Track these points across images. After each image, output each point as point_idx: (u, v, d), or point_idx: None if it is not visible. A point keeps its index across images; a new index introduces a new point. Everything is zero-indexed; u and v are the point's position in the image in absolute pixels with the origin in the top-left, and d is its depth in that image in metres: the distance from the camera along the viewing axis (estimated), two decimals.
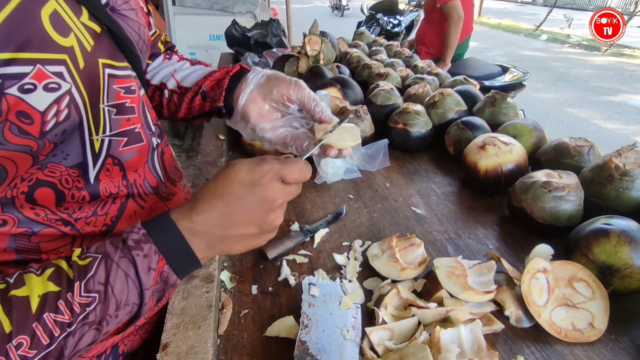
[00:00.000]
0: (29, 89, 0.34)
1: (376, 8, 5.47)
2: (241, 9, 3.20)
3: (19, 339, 0.32)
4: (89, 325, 0.36)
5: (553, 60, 7.35)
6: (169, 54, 0.70)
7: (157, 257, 0.39)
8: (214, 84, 0.60)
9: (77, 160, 0.42)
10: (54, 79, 0.36)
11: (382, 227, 0.81)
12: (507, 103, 1.10)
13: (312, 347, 0.51)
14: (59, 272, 0.36)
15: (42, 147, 0.38)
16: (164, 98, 0.66)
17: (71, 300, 0.35)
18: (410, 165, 1.06)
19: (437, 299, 0.59)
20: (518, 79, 2.96)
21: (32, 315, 0.33)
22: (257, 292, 0.64)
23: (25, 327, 0.33)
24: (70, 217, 0.45)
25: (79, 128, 0.41)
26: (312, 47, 1.50)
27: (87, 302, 0.36)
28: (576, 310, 0.58)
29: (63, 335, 0.35)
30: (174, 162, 0.63)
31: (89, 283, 0.36)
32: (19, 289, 0.34)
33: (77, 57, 0.38)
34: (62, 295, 0.35)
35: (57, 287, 0.35)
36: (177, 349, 0.50)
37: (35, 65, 0.34)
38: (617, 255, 0.59)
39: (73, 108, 0.38)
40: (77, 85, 0.38)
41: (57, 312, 0.34)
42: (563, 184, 0.73)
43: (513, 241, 0.77)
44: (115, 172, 0.48)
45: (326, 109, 0.54)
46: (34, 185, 0.40)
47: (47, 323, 0.34)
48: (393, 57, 1.79)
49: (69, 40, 0.38)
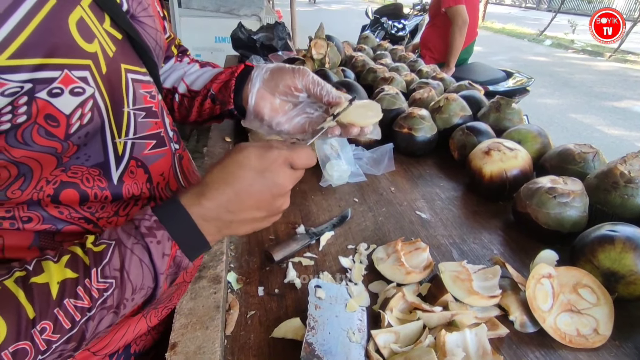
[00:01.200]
0: (57, 93, 0.35)
1: (381, 12, 5.49)
2: (247, 12, 3.22)
3: (42, 324, 0.33)
4: (107, 309, 0.37)
5: (557, 66, 7.35)
6: (180, 56, 0.71)
7: (170, 243, 0.40)
8: (221, 86, 0.61)
9: (98, 160, 0.43)
10: (79, 84, 0.37)
11: (387, 230, 0.81)
12: (512, 109, 1.11)
13: (319, 349, 0.51)
14: (75, 259, 0.37)
15: (66, 148, 0.39)
16: (175, 102, 0.67)
17: (89, 286, 0.36)
18: (415, 169, 1.06)
19: (442, 303, 0.59)
20: (522, 84, 2.96)
21: (53, 301, 0.34)
22: (263, 294, 0.65)
23: (48, 313, 0.34)
24: (92, 215, 0.46)
25: (101, 131, 0.42)
26: (317, 50, 1.51)
27: (105, 288, 0.37)
28: (581, 316, 0.59)
29: (84, 320, 0.36)
30: (192, 167, 0.64)
31: (105, 269, 0.37)
32: (38, 276, 0.35)
33: (100, 63, 0.39)
34: (80, 281, 0.36)
35: (74, 274, 0.36)
36: (186, 348, 0.51)
37: (63, 70, 0.35)
38: (622, 262, 0.60)
39: (96, 111, 0.40)
40: (100, 89, 0.40)
41: (76, 297, 0.35)
42: (568, 190, 0.73)
43: (518, 246, 0.77)
44: (140, 174, 0.49)
45: (332, 90, 0.54)
46: (58, 187, 0.41)
47: (68, 309, 0.35)
48: (398, 61, 1.80)
49: (93, 46, 0.39)
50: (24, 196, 0.40)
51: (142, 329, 0.56)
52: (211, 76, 0.64)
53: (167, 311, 0.60)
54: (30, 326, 0.33)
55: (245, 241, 0.77)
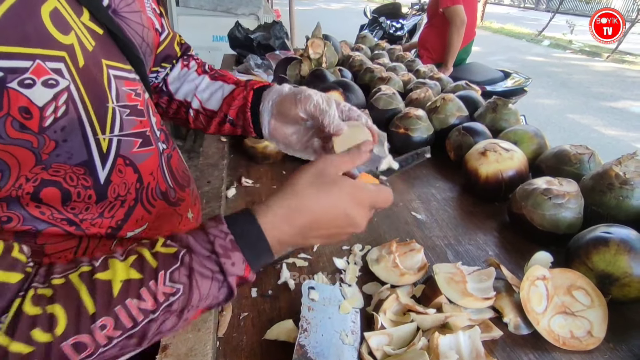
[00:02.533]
0: (29, 84, 0.35)
1: (379, 11, 5.48)
2: (244, 11, 3.20)
3: (102, 320, 0.34)
4: (171, 313, 0.37)
5: (555, 66, 7.36)
6: (186, 59, 0.70)
7: (244, 266, 0.39)
8: (237, 112, 0.62)
9: (82, 158, 0.42)
10: (52, 75, 0.36)
11: (382, 231, 0.81)
12: (509, 109, 1.11)
13: (311, 351, 0.51)
14: (141, 260, 0.37)
15: (43, 143, 0.38)
16: (190, 116, 0.67)
17: (154, 289, 0.36)
18: (411, 170, 1.06)
19: (436, 304, 0.59)
20: (520, 85, 2.96)
21: (114, 299, 0.34)
22: (256, 295, 0.64)
23: (109, 310, 0.34)
24: (76, 217, 0.45)
25: (80, 126, 0.41)
26: (314, 50, 1.50)
27: (172, 292, 0.36)
28: (575, 318, 0.58)
29: (146, 321, 0.36)
30: (183, 166, 0.64)
31: (174, 274, 0.37)
32: (102, 272, 0.35)
33: (76, 55, 0.39)
34: (144, 282, 0.36)
35: (139, 275, 0.36)
36: (177, 350, 0.50)
37: (34, 60, 0.35)
38: (617, 264, 0.59)
39: (71, 105, 0.39)
40: (76, 82, 0.39)
41: (139, 298, 0.35)
42: (563, 191, 0.73)
43: (513, 248, 0.77)
44: (129, 174, 0.48)
45: (334, 120, 0.53)
46: (39, 185, 0.41)
47: (129, 308, 0.35)
48: (395, 61, 1.80)
49: (69, 38, 0.38)
50: (2, 193, 0.39)
51: None
52: (224, 96, 0.64)
53: None
54: (91, 321, 0.33)
55: None
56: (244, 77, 1.69)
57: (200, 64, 0.71)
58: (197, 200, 0.67)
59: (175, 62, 0.69)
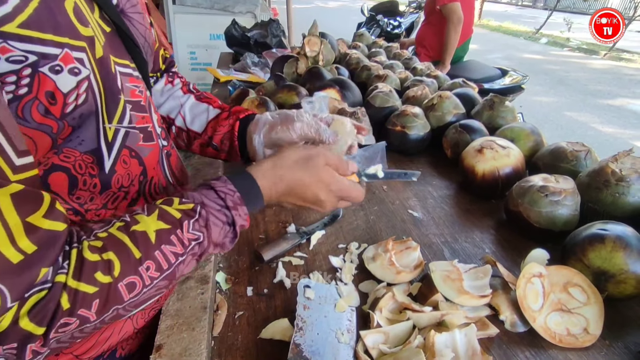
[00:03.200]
0: (58, 70, 0.37)
1: (376, 9, 5.47)
2: (241, 9, 3.19)
3: (147, 263, 0.39)
4: (192, 256, 0.44)
5: (552, 64, 7.37)
6: (171, 76, 0.71)
7: (246, 217, 0.48)
8: (222, 139, 0.67)
9: (92, 146, 0.44)
10: (76, 64, 0.39)
11: (378, 229, 0.80)
12: (506, 107, 1.11)
13: (306, 350, 0.51)
14: (165, 213, 0.42)
15: (62, 129, 0.40)
16: (172, 132, 0.69)
17: (181, 236, 0.42)
18: (408, 167, 1.06)
19: (432, 302, 0.59)
20: (517, 82, 2.97)
21: (152, 245, 0.40)
22: (252, 294, 0.64)
23: (149, 255, 0.40)
24: (81, 207, 0.46)
25: (95, 114, 0.42)
26: (311, 48, 1.50)
27: (194, 238, 0.43)
28: (571, 316, 0.58)
29: (176, 263, 0.42)
30: (181, 164, 0.64)
31: (195, 224, 0.43)
32: (137, 225, 0.41)
33: (95, 47, 0.41)
34: (172, 231, 0.42)
35: (167, 225, 0.42)
36: (171, 350, 0.50)
37: (63, 48, 0.37)
38: (613, 260, 0.59)
39: (90, 94, 0.41)
40: (95, 73, 0.41)
41: (171, 244, 0.41)
42: (560, 188, 0.73)
43: (509, 245, 0.77)
44: (134, 165, 0.50)
45: (325, 132, 0.60)
46: (49, 169, 0.42)
47: (165, 252, 0.41)
48: (392, 59, 1.79)
49: (88, 30, 0.41)
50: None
51: (128, 332, 0.55)
52: (209, 119, 0.68)
53: (153, 312, 0.59)
54: (138, 264, 0.39)
55: None
56: (241, 75, 1.69)
57: (185, 82, 0.73)
58: None
59: (159, 75, 0.70)
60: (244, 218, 0.47)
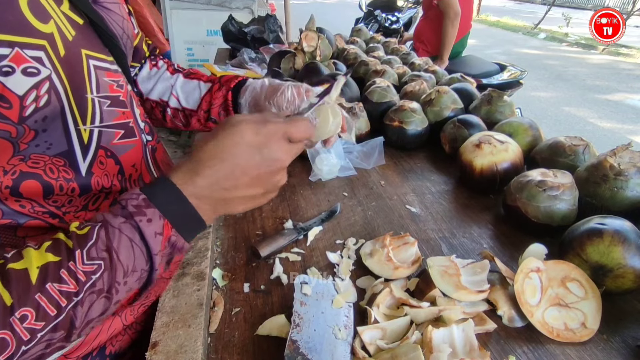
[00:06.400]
0: (7, 71, 0.34)
1: (374, 4, 5.44)
2: (239, 4, 3.17)
3: (22, 311, 0.31)
4: (97, 294, 0.35)
5: (551, 59, 7.35)
6: (153, 59, 0.70)
7: (162, 222, 0.37)
8: (219, 110, 0.65)
9: (62, 148, 0.41)
10: (32, 64, 0.36)
11: (376, 225, 0.80)
12: (504, 101, 1.10)
13: (303, 346, 0.51)
14: (56, 243, 0.35)
15: (22, 133, 0.37)
16: (167, 115, 0.68)
17: (74, 269, 0.34)
18: (406, 163, 1.05)
19: (429, 298, 0.58)
20: (515, 77, 2.96)
21: (33, 286, 0.32)
22: (249, 291, 0.64)
23: (28, 299, 0.31)
24: (58, 209, 0.44)
25: (61, 116, 0.40)
26: (308, 43, 1.49)
27: (92, 270, 0.34)
28: (569, 310, 0.58)
29: (71, 305, 0.33)
30: (167, 159, 0.63)
31: (92, 250, 0.35)
32: (16, 262, 0.33)
33: (57, 44, 0.38)
34: (63, 264, 0.33)
35: (56, 257, 0.34)
36: (167, 347, 0.49)
37: (13, 48, 0.34)
38: (610, 255, 0.59)
39: (53, 94, 0.38)
40: (58, 72, 0.38)
41: (60, 281, 0.33)
42: (558, 183, 0.73)
43: (507, 240, 0.77)
44: (111, 165, 0.48)
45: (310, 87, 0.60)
46: (18, 178, 0.40)
47: (51, 293, 0.32)
48: (390, 54, 1.78)
49: (48, 26, 0.37)
50: None
51: (117, 328, 0.54)
52: (202, 95, 0.67)
53: (143, 309, 0.58)
54: (9, 314, 0.30)
55: (231, 236, 0.76)
56: (239, 71, 1.67)
57: (169, 63, 0.72)
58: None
59: (143, 61, 0.69)
60: (159, 224, 0.37)
